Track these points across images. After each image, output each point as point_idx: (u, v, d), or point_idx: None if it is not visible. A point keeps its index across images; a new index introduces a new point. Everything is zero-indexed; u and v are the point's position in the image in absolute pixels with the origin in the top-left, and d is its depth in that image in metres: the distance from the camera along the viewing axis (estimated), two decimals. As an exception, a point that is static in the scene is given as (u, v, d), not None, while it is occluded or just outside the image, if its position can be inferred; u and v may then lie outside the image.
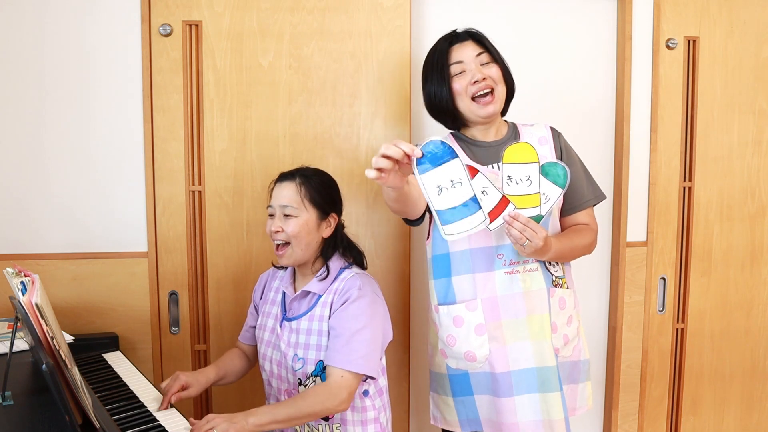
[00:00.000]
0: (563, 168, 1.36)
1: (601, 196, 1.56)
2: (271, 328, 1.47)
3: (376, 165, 1.10)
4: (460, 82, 1.45)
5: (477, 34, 1.49)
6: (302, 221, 1.39)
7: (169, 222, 1.81)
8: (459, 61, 1.45)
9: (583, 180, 1.54)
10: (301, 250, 1.40)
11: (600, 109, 2.04)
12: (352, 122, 1.85)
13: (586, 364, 1.56)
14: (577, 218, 1.53)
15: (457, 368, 1.49)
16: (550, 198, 1.36)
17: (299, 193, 1.40)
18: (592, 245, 1.52)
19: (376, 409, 1.44)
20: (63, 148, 1.77)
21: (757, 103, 2.07)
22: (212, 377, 1.46)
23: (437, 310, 1.49)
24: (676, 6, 1.99)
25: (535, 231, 1.30)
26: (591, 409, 1.59)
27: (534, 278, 1.45)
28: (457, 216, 1.25)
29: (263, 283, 1.58)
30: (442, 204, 1.24)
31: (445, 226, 1.25)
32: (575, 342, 1.53)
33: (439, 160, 1.21)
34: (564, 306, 1.49)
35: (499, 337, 1.44)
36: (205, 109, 1.80)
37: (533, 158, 1.33)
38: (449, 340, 1.48)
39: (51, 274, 1.77)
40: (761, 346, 2.16)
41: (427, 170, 1.20)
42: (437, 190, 1.23)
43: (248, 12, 1.79)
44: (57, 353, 1.04)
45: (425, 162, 1.19)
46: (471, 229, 1.25)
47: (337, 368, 1.31)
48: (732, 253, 2.10)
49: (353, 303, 1.35)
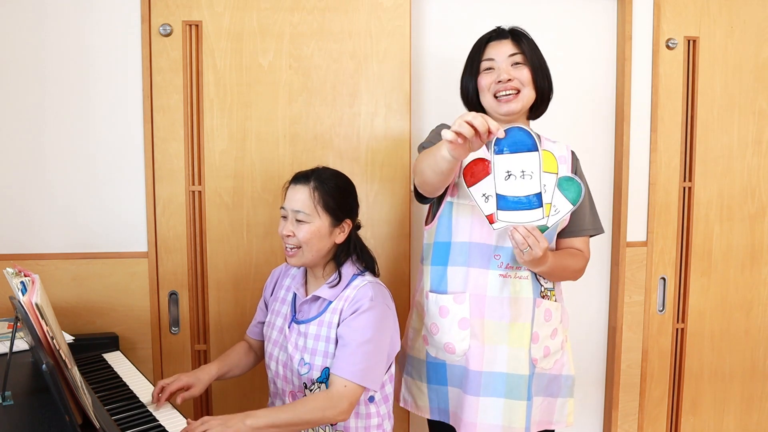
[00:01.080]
0: (579, 185, 1.34)
1: (600, 230, 1.57)
2: (279, 328, 1.46)
3: (459, 129, 1.09)
4: (486, 78, 1.46)
5: (519, 33, 1.48)
6: (314, 228, 1.37)
7: (169, 222, 1.81)
8: (490, 59, 1.46)
9: (587, 209, 1.54)
10: (311, 254, 1.39)
11: (600, 109, 2.04)
12: (352, 122, 1.85)
13: (569, 379, 1.55)
14: (573, 243, 1.54)
15: (436, 357, 1.50)
16: (559, 211, 1.35)
17: (312, 198, 1.37)
18: (581, 273, 1.53)
19: (381, 416, 1.43)
20: (63, 148, 1.77)
21: (757, 103, 2.07)
22: (214, 372, 1.45)
23: (427, 296, 1.50)
24: (676, 6, 1.99)
25: (537, 240, 1.30)
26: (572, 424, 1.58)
27: (524, 286, 1.45)
28: (518, 206, 1.27)
29: (275, 279, 1.57)
30: (505, 190, 1.25)
31: (500, 211, 1.26)
32: (558, 356, 1.53)
33: (519, 147, 1.22)
34: (549, 318, 1.50)
35: (479, 335, 1.45)
36: (205, 109, 1.80)
37: (553, 169, 1.31)
38: (432, 328, 1.49)
39: (51, 274, 1.77)
40: (761, 346, 2.16)
41: (503, 153, 1.23)
42: (505, 175, 1.25)
43: (248, 12, 1.79)
44: (57, 353, 1.04)
45: (504, 144, 1.21)
46: (525, 222, 1.28)
47: (340, 377, 1.30)
48: (732, 253, 2.10)
49: (363, 314, 1.34)
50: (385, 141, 1.86)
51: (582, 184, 1.34)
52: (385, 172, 1.87)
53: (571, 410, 1.57)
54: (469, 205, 1.42)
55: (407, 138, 1.86)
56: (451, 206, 1.47)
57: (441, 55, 1.92)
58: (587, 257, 1.55)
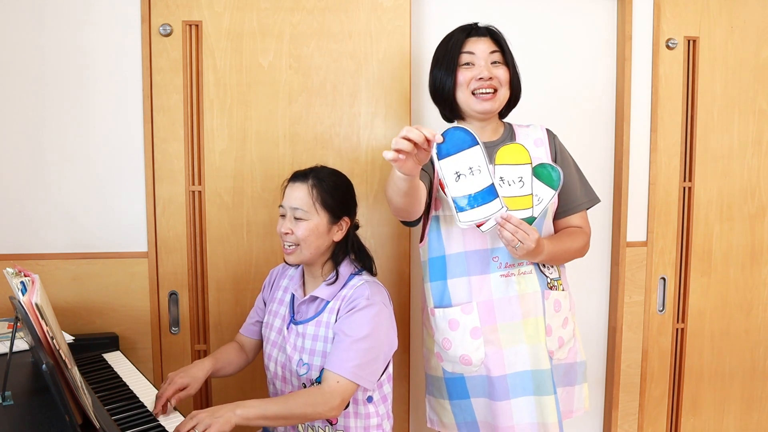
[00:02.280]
0: (556, 170, 1.36)
1: (595, 200, 1.56)
2: (278, 329, 1.46)
3: (396, 146, 1.08)
4: (464, 74, 1.44)
5: (496, 32, 1.48)
6: (312, 225, 1.37)
7: (169, 222, 1.81)
8: (470, 52, 1.44)
9: (577, 183, 1.53)
10: (309, 252, 1.39)
11: (600, 109, 2.04)
12: (352, 122, 1.85)
13: (583, 365, 1.56)
14: (571, 221, 1.52)
15: (453, 372, 1.48)
16: (542, 200, 1.35)
17: (311, 196, 1.38)
18: (585, 248, 1.52)
19: (380, 415, 1.43)
20: (63, 148, 1.77)
21: (757, 103, 2.07)
22: (208, 367, 1.44)
23: (433, 313, 1.49)
24: (676, 6, 1.99)
25: (527, 233, 1.30)
26: (588, 410, 1.59)
27: (529, 281, 1.45)
28: (474, 203, 1.26)
29: (272, 279, 1.57)
30: (458, 191, 1.25)
31: (459, 213, 1.25)
32: (570, 344, 1.53)
33: (460, 146, 1.21)
34: (559, 308, 1.49)
35: (494, 341, 1.44)
36: (205, 109, 1.80)
37: (525, 159, 1.33)
38: (445, 344, 1.47)
39: (51, 274, 1.77)
40: (761, 346, 2.16)
41: (447, 156, 1.22)
42: (455, 177, 1.24)
43: (248, 12, 1.79)
44: (57, 353, 1.04)
45: (445, 148, 1.20)
46: (487, 216, 1.26)
47: (333, 373, 1.30)
48: (732, 253, 2.10)
49: (359, 311, 1.34)
50: (385, 141, 1.86)
51: (558, 168, 1.34)
52: (385, 172, 1.87)
53: (586, 394, 1.57)
54: None
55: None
56: (438, 220, 1.46)
57: (441, 55, 1.92)
58: (588, 231, 1.53)
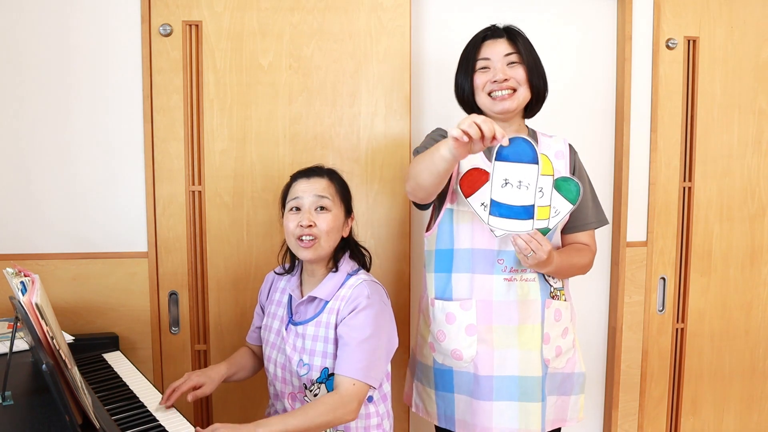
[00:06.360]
0: (576, 184, 1.34)
1: (604, 221, 1.57)
2: (276, 330, 1.46)
3: (467, 128, 1.11)
4: (480, 77, 1.47)
5: (514, 32, 1.49)
6: (334, 215, 1.39)
7: (169, 222, 1.81)
8: (485, 58, 1.46)
9: (590, 201, 1.54)
10: (329, 246, 1.39)
11: (600, 110, 2.04)
12: (352, 122, 1.85)
13: (581, 377, 1.56)
14: (578, 237, 1.54)
15: (443, 363, 1.50)
16: (559, 212, 1.35)
17: (332, 186, 1.40)
18: (589, 266, 1.53)
19: (380, 415, 1.43)
20: (63, 148, 1.77)
21: (757, 103, 2.07)
22: (224, 372, 1.45)
23: (433, 303, 1.50)
24: (676, 6, 1.99)
25: (540, 243, 1.30)
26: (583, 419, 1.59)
27: (531, 288, 1.45)
28: (510, 214, 1.29)
29: (269, 283, 1.57)
30: (500, 196, 1.27)
31: (492, 216, 1.28)
32: (569, 354, 1.53)
33: (520, 157, 1.25)
34: (560, 318, 1.50)
35: (488, 341, 1.44)
36: (205, 109, 1.80)
37: (549, 171, 1.32)
38: (439, 336, 1.48)
39: (51, 274, 1.77)
40: (761, 346, 2.16)
41: (504, 160, 1.26)
42: (502, 182, 1.27)
43: (248, 12, 1.79)
44: (57, 353, 1.04)
45: (506, 152, 1.24)
46: (516, 231, 1.30)
47: (347, 377, 1.29)
48: (732, 253, 2.10)
49: (361, 312, 1.34)
50: (385, 141, 1.86)
51: (579, 183, 1.34)
52: (385, 172, 1.87)
53: (582, 405, 1.58)
54: (468, 212, 1.42)
55: (407, 138, 1.86)
56: (451, 213, 1.47)
57: (441, 55, 1.92)
58: (594, 250, 1.55)
